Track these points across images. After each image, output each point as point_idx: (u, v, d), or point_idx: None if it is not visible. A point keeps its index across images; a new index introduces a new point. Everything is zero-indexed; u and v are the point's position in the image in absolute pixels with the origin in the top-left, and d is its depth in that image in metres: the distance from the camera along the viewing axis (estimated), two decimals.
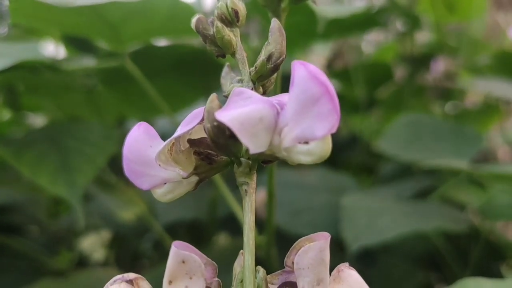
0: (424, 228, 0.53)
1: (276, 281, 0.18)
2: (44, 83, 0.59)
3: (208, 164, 0.18)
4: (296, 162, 0.16)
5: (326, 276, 0.17)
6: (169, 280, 0.16)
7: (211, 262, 0.16)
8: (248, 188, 0.17)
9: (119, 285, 0.16)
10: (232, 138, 0.16)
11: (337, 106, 0.15)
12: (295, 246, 0.17)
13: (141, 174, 0.18)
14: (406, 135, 0.69)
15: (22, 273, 0.63)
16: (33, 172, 0.43)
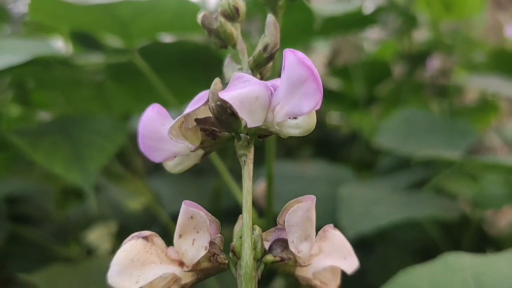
0: (417, 215, 0.56)
1: (270, 237, 0.20)
2: (55, 78, 0.62)
3: (212, 139, 0.21)
4: (287, 135, 0.19)
5: (313, 232, 0.20)
6: (179, 235, 0.19)
7: (215, 220, 0.19)
8: (247, 159, 0.20)
9: (136, 240, 0.19)
10: (233, 115, 0.19)
11: (321, 87, 0.18)
12: (286, 207, 0.20)
13: (155, 149, 0.21)
14: (402, 130, 0.72)
15: (33, 260, 0.66)
16: (48, 160, 0.46)
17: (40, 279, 0.54)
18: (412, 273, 0.32)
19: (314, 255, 0.20)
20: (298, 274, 0.20)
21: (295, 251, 0.20)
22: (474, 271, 0.31)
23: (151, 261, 0.18)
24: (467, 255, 0.33)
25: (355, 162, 0.97)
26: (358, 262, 0.21)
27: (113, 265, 0.18)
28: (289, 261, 0.20)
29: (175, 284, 0.19)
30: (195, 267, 0.19)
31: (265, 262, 0.20)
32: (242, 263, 0.18)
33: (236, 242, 0.19)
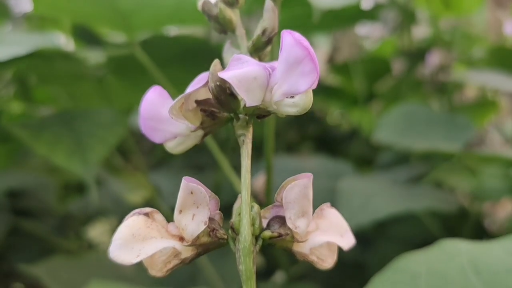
0: (415, 207, 0.56)
1: (268, 214, 0.21)
2: (57, 72, 0.62)
3: (212, 120, 0.21)
4: (285, 114, 0.20)
5: (310, 209, 0.20)
6: (179, 210, 0.19)
7: (215, 196, 0.20)
8: (245, 138, 0.20)
9: (137, 216, 0.19)
10: (232, 95, 0.20)
11: (317, 66, 0.18)
12: (283, 185, 0.20)
13: (156, 130, 0.22)
14: (400, 124, 0.72)
15: (34, 253, 0.66)
16: (50, 152, 0.47)
17: (41, 270, 0.54)
18: (409, 258, 0.32)
19: (311, 231, 0.21)
20: (295, 249, 0.21)
21: (292, 227, 0.20)
22: (471, 256, 0.31)
23: (152, 236, 0.19)
24: (463, 242, 0.33)
25: (354, 158, 0.98)
26: (354, 240, 0.22)
27: (114, 240, 0.18)
28: (286, 236, 0.20)
29: (175, 258, 0.19)
30: (195, 242, 0.19)
31: (263, 237, 0.20)
32: (241, 238, 0.19)
33: (235, 219, 0.20)
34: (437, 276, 0.30)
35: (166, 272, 0.19)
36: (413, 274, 0.30)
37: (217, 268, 0.60)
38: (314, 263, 0.21)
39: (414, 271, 0.31)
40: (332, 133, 1.14)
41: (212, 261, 0.61)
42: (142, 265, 0.58)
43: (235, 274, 0.61)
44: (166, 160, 0.96)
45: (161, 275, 0.19)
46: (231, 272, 0.61)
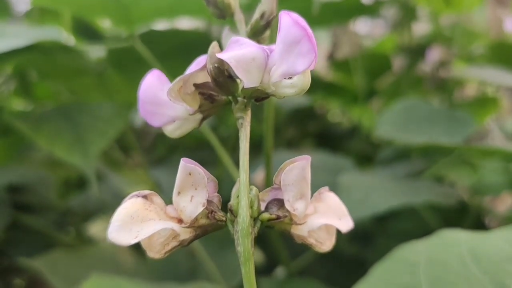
0: (415, 201, 0.56)
1: (266, 197, 0.21)
2: (57, 67, 0.62)
3: (210, 103, 0.21)
4: (283, 95, 0.20)
5: (308, 191, 0.20)
6: (178, 192, 0.19)
7: (213, 178, 0.20)
8: (244, 121, 0.20)
9: (136, 199, 0.19)
10: (230, 78, 0.20)
11: (315, 46, 0.18)
12: (281, 167, 0.20)
13: (154, 113, 0.22)
14: (400, 120, 0.72)
15: (34, 248, 0.66)
16: (50, 144, 0.47)
17: (41, 264, 0.54)
18: (409, 248, 0.32)
19: (309, 214, 0.21)
20: (294, 232, 0.21)
21: (290, 209, 0.20)
22: (470, 245, 0.31)
23: (150, 218, 0.19)
24: (463, 231, 0.33)
25: (355, 154, 0.98)
26: (352, 224, 0.22)
27: (113, 222, 0.18)
28: (284, 219, 0.20)
29: (173, 240, 0.19)
30: (193, 223, 0.19)
31: (261, 220, 0.20)
32: (239, 219, 0.19)
33: (233, 202, 0.20)
34: (436, 265, 0.30)
35: (165, 254, 0.19)
36: (412, 264, 0.30)
37: (217, 263, 0.60)
38: (312, 246, 0.21)
39: (413, 261, 0.31)
40: (333, 130, 1.14)
41: (212, 256, 0.61)
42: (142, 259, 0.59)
43: (235, 270, 0.61)
44: (167, 157, 0.96)
45: (159, 257, 0.19)
46: (231, 267, 0.61)
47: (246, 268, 0.19)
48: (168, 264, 0.62)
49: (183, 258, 0.63)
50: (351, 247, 0.76)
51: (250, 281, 0.19)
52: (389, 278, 0.30)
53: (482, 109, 0.99)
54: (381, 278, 0.30)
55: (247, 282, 0.19)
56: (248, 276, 0.19)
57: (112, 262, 0.59)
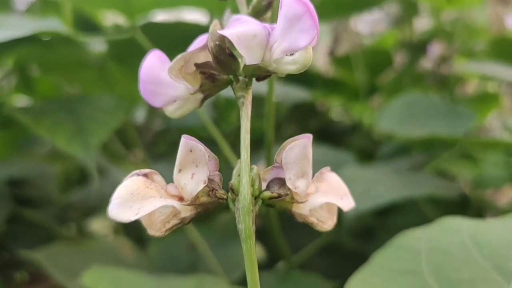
0: (417, 194, 0.56)
1: (267, 176, 0.21)
2: (58, 60, 0.62)
3: (211, 82, 0.21)
4: (284, 73, 0.20)
5: (309, 170, 0.20)
6: (179, 169, 0.19)
7: (214, 156, 0.20)
8: (245, 100, 0.20)
9: (136, 177, 0.19)
10: (231, 56, 0.20)
11: (317, 23, 0.18)
12: (283, 146, 0.20)
13: (155, 93, 0.22)
14: (401, 114, 0.72)
15: (35, 241, 0.66)
16: (51, 135, 0.47)
17: (41, 256, 0.54)
18: (410, 235, 0.32)
19: (311, 193, 0.21)
20: (295, 211, 0.21)
21: (292, 187, 0.20)
22: (472, 232, 0.31)
23: (151, 196, 0.19)
24: (465, 219, 0.33)
25: (356, 151, 0.98)
26: (354, 203, 0.22)
27: (113, 199, 0.18)
28: (286, 197, 0.20)
29: (174, 217, 0.19)
30: (194, 201, 0.19)
31: (262, 198, 0.20)
32: (240, 197, 0.19)
33: (235, 180, 0.20)
34: (438, 251, 0.30)
35: (165, 232, 0.19)
36: (414, 250, 0.30)
37: (218, 257, 0.60)
38: (313, 225, 0.21)
39: (415, 248, 0.31)
40: (334, 127, 1.14)
41: (213, 250, 0.61)
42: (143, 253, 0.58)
43: (236, 263, 0.61)
44: (167, 153, 0.96)
45: (160, 235, 0.19)
46: (232, 261, 0.61)
47: (247, 246, 0.19)
48: (169, 258, 0.62)
49: (184, 252, 0.63)
50: (353, 242, 0.76)
51: (251, 258, 0.18)
52: (390, 265, 0.29)
53: (483, 105, 0.99)
54: (382, 265, 0.30)
55: (248, 259, 0.19)
56: (249, 253, 0.19)
57: (113, 255, 0.59)
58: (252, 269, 0.18)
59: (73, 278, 0.54)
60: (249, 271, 0.19)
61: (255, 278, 0.18)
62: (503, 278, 0.26)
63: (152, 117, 0.95)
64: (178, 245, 0.64)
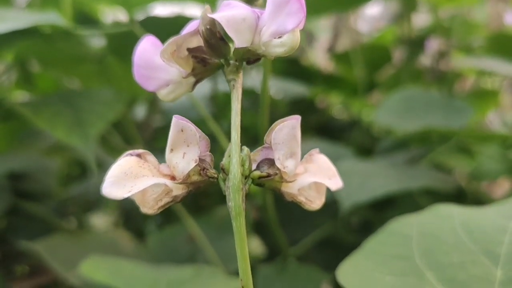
0: (413, 186, 0.56)
1: (258, 157, 0.21)
2: (58, 54, 0.63)
3: (203, 66, 0.22)
4: (273, 55, 0.20)
5: (298, 150, 0.21)
6: (170, 149, 0.20)
7: (205, 137, 0.20)
8: (235, 83, 0.21)
9: (130, 157, 0.20)
10: (222, 40, 0.20)
11: (304, 6, 0.19)
12: (272, 127, 0.21)
13: (149, 78, 0.22)
14: (400, 108, 0.73)
15: (35, 234, 0.67)
16: (50, 126, 0.47)
17: (41, 247, 0.55)
18: (402, 221, 0.33)
19: (299, 174, 0.21)
20: (284, 190, 0.21)
21: (281, 167, 0.20)
22: (463, 218, 0.31)
23: (144, 174, 0.19)
24: (457, 206, 0.34)
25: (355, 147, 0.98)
26: (342, 183, 0.22)
27: (107, 178, 0.19)
28: (275, 176, 0.21)
29: (166, 196, 0.20)
30: (186, 180, 0.20)
31: (252, 177, 0.21)
32: (231, 176, 0.19)
33: (225, 161, 0.20)
34: (429, 236, 0.30)
35: (158, 210, 0.20)
36: (405, 236, 0.31)
37: (216, 249, 0.61)
38: (302, 204, 0.22)
39: (406, 233, 0.31)
40: (333, 123, 1.14)
41: (211, 242, 0.61)
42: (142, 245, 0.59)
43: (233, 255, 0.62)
44: None
45: (152, 212, 0.20)
46: (230, 252, 0.61)
47: (237, 223, 0.19)
48: (168, 250, 0.63)
49: (183, 244, 0.63)
50: (350, 236, 0.76)
51: (241, 235, 0.19)
52: (382, 250, 0.30)
53: (482, 102, 0.99)
54: (374, 249, 0.30)
55: (238, 236, 0.19)
56: (239, 230, 0.19)
57: (112, 247, 0.60)
58: (242, 245, 0.19)
59: (72, 270, 0.54)
60: (239, 247, 0.19)
61: (245, 253, 0.19)
62: (491, 261, 0.27)
63: (152, 114, 0.95)
64: (177, 237, 0.65)
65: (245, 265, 0.19)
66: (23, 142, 0.73)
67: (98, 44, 0.64)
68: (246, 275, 0.19)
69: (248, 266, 0.19)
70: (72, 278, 0.54)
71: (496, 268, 0.26)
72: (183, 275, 0.45)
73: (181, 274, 0.45)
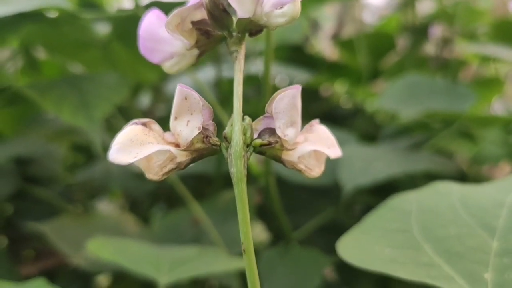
0: (414, 170, 0.57)
1: (259, 126, 0.22)
2: (64, 40, 0.63)
3: (207, 38, 0.22)
4: (275, 25, 0.21)
5: (298, 119, 0.21)
6: (175, 117, 0.21)
7: (208, 105, 0.21)
8: (238, 54, 0.21)
9: (135, 126, 0.20)
10: (225, 12, 0.21)
11: None
12: (273, 96, 0.21)
13: (154, 50, 0.23)
14: (403, 94, 0.73)
15: (41, 217, 0.68)
16: (56, 108, 0.48)
17: (47, 229, 0.56)
18: (402, 197, 0.33)
19: (300, 142, 0.22)
20: (285, 158, 0.22)
21: (281, 135, 0.21)
22: (461, 194, 0.32)
23: (149, 142, 0.20)
24: (456, 183, 0.34)
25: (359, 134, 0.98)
26: (341, 152, 0.23)
27: (113, 145, 0.19)
28: (276, 144, 0.21)
29: (171, 162, 0.21)
30: (189, 147, 0.21)
31: (254, 145, 0.21)
32: (233, 143, 0.20)
33: (228, 129, 0.21)
34: (427, 212, 0.31)
35: (162, 176, 0.21)
36: (405, 211, 0.31)
37: (220, 233, 0.62)
38: (302, 172, 0.22)
39: (405, 209, 0.32)
40: (337, 111, 1.14)
41: (216, 226, 0.62)
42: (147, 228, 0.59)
43: (237, 239, 0.62)
44: None
45: (157, 179, 0.21)
46: (233, 236, 0.62)
47: (238, 188, 0.20)
48: (173, 233, 0.63)
49: (188, 227, 0.64)
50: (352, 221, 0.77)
51: (242, 200, 0.20)
52: (381, 224, 0.31)
53: (486, 90, 0.99)
54: (374, 224, 0.31)
55: (240, 200, 0.20)
56: (240, 195, 0.20)
57: (117, 230, 0.61)
58: (243, 209, 0.20)
59: (78, 251, 0.55)
60: (241, 211, 0.20)
61: (246, 217, 0.20)
62: (487, 234, 0.27)
63: (156, 103, 0.96)
64: (181, 221, 0.66)
65: (246, 229, 0.19)
66: (29, 127, 0.73)
67: (103, 30, 0.65)
68: (247, 239, 0.20)
69: (249, 230, 0.20)
70: (78, 259, 0.55)
71: (492, 240, 0.27)
72: (187, 254, 0.46)
73: (185, 253, 0.46)
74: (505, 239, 0.26)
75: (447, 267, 0.25)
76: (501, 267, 0.25)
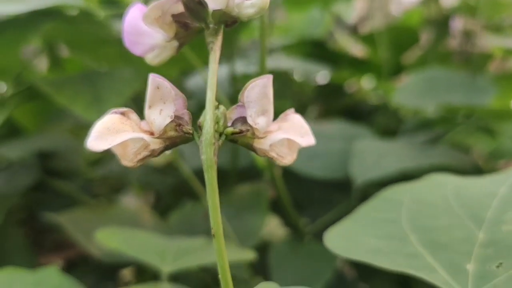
0: (427, 164, 0.56)
1: (233, 115, 0.23)
2: (83, 37, 0.65)
3: (185, 31, 0.23)
4: (246, 16, 0.21)
5: (270, 108, 0.22)
6: (148, 105, 0.21)
7: (182, 95, 0.22)
8: (214, 45, 0.22)
9: (113, 115, 0.21)
10: (200, 4, 0.22)
11: None
12: (245, 86, 0.22)
13: (136, 43, 0.24)
14: (420, 88, 0.72)
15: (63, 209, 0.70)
16: (70, 102, 0.50)
17: (64, 219, 0.58)
18: (396, 188, 0.33)
19: (273, 131, 0.23)
20: (256, 146, 0.22)
21: (252, 123, 0.22)
22: (455, 186, 0.32)
23: (125, 130, 0.21)
24: (452, 176, 0.34)
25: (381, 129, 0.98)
26: (314, 141, 0.23)
27: (91, 133, 0.20)
28: (247, 133, 0.22)
29: (145, 150, 0.21)
30: (162, 135, 0.21)
31: (226, 134, 0.22)
32: (204, 131, 0.21)
33: (202, 118, 0.22)
34: (419, 202, 0.31)
35: (137, 163, 0.21)
36: (397, 202, 0.31)
37: (233, 227, 0.63)
38: (274, 159, 0.23)
39: (398, 199, 0.32)
40: (361, 107, 1.14)
41: (229, 220, 0.63)
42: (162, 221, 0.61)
43: (250, 233, 0.63)
44: None
45: (132, 165, 0.21)
46: (246, 231, 0.63)
47: (208, 175, 0.20)
48: (186, 225, 0.65)
49: (201, 220, 0.65)
50: None
51: (212, 186, 0.20)
52: (372, 214, 0.31)
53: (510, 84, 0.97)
54: (365, 214, 0.31)
55: (210, 187, 0.20)
56: (210, 181, 0.20)
57: (132, 221, 0.62)
58: (213, 196, 0.20)
59: (93, 242, 0.57)
60: (210, 198, 0.20)
61: (215, 203, 0.20)
62: (475, 225, 0.27)
63: None
64: (196, 214, 0.67)
65: (215, 214, 0.20)
66: (52, 122, 0.76)
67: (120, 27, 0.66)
68: (216, 224, 0.20)
69: (219, 215, 0.20)
70: (94, 249, 0.57)
71: (479, 230, 0.27)
72: (194, 244, 0.47)
73: (192, 244, 0.47)
74: (491, 230, 0.26)
75: (430, 257, 0.25)
76: (484, 258, 0.25)
